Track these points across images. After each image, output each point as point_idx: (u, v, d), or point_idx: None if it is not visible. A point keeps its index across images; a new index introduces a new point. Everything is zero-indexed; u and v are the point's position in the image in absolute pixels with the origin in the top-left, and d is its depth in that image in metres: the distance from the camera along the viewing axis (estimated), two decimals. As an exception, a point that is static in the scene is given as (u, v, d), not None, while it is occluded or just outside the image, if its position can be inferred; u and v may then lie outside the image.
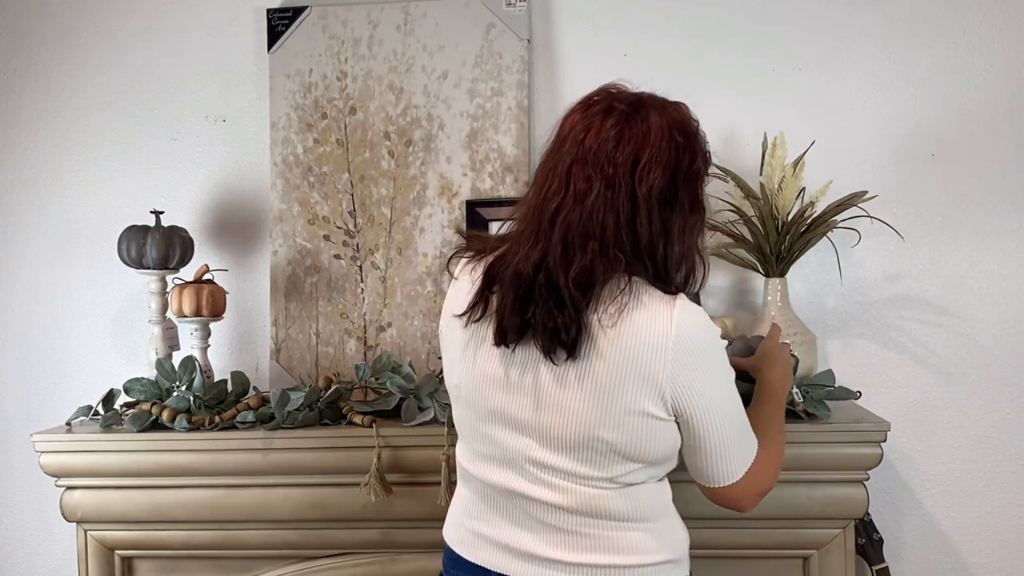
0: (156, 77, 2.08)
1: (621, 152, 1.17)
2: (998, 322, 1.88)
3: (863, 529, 1.71)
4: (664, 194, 1.17)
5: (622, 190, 1.16)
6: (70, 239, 2.10)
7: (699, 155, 1.25)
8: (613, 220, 1.15)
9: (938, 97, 1.89)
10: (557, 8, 1.98)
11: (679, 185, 1.19)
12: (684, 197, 1.20)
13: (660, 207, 1.17)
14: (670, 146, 1.20)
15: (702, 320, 1.23)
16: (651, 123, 1.21)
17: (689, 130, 1.26)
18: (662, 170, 1.18)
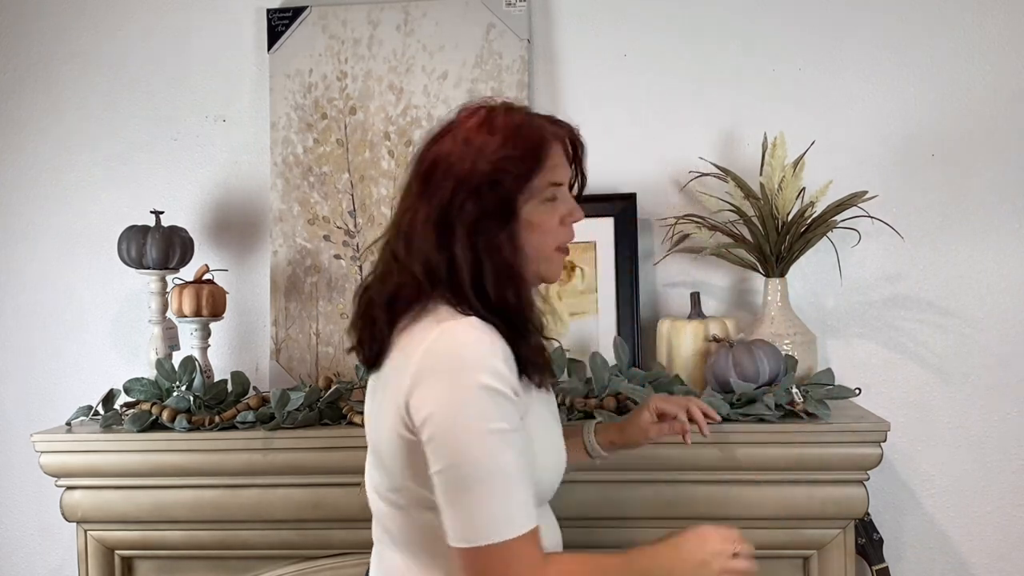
0: (156, 77, 2.08)
1: (417, 169, 1.19)
2: (998, 322, 1.89)
3: (863, 529, 1.71)
4: (448, 209, 1.14)
5: (419, 208, 1.16)
6: (70, 239, 2.10)
7: (486, 163, 1.14)
8: (406, 243, 1.16)
9: (938, 97, 1.89)
10: (557, 8, 1.98)
11: (465, 198, 1.13)
12: (471, 210, 1.13)
13: (441, 225, 1.14)
14: (459, 158, 1.15)
15: (467, 339, 1.09)
16: (449, 136, 1.18)
17: (478, 137, 1.16)
18: (452, 182, 1.14)
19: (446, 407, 1.06)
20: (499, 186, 1.14)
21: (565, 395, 1.66)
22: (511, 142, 1.16)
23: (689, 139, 1.93)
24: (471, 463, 1.05)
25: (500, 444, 1.06)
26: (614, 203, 1.88)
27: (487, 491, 1.05)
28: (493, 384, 1.06)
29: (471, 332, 1.09)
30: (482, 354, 1.08)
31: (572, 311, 1.87)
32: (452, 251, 1.13)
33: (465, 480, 1.05)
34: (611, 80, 1.97)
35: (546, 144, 1.19)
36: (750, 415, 1.58)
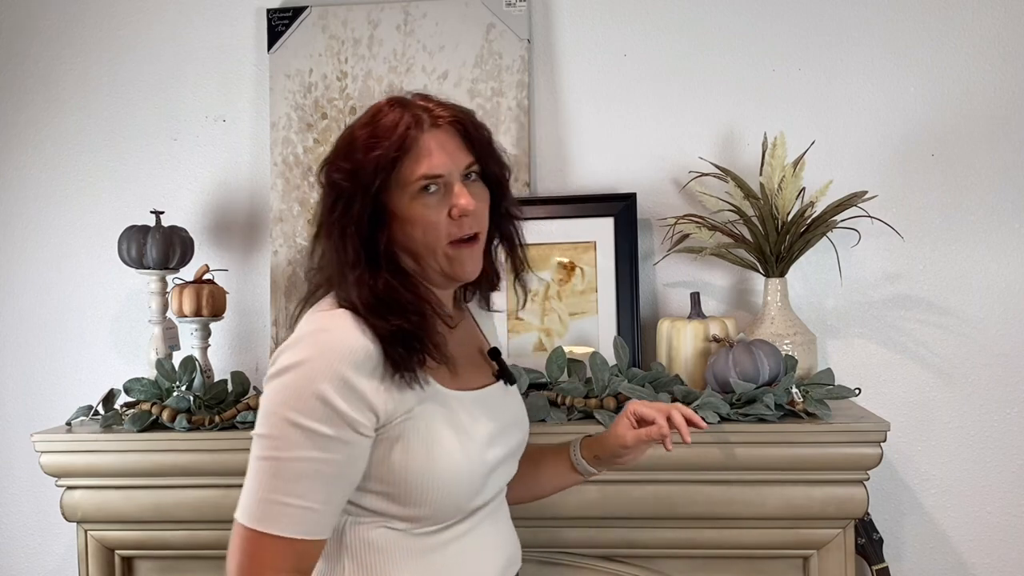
0: (156, 77, 2.08)
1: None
2: (998, 322, 1.88)
3: (863, 529, 1.71)
4: (324, 210, 1.18)
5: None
6: (70, 239, 2.10)
7: (347, 161, 1.15)
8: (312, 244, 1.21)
9: (938, 97, 1.89)
10: (557, 8, 1.98)
11: (336, 198, 1.16)
12: (343, 209, 1.15)
13: (321, 225, 1.18)
14: (329, 159, 1.19)
15: (327, 333, 1.09)
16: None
17: (344, 137, 1.19)
18: (325, 184, 1.19)
19: (280, 391, 1.07)
20: (359, 189, 1.13)
21: (565, 395, 1.66)
22: (370, 138, 1.14)
23: (689, 139, 1.93)
24: (265, 439, 1.06)
25: (300, 439, 1.05)
26: (614, 203, 1.88)
27: (264, 472, 1.06)
28: (329, 395, 1.05)
29: (335, 326, 1.09)
30: (334, 358, 1.07)
31: (572, 311, 1.87)
32: (335, 259, 1.14)
33: (256, 452, 1.07)
34: (611, 80, 1.97)
35: (408, 136, 1.14)
36: (750, 415, 1.58)
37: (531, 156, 1.96)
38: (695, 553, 1.65)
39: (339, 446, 1.07)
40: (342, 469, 1.08)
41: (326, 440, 1.06)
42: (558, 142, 1.98)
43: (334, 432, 1.06)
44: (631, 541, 1.65)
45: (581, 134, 1.97)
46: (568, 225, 1.89)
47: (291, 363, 1.07)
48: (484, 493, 1.21)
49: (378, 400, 1.09)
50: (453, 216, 1.16)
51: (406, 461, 1.12)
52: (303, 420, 1.05)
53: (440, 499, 1.14)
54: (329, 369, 1.06)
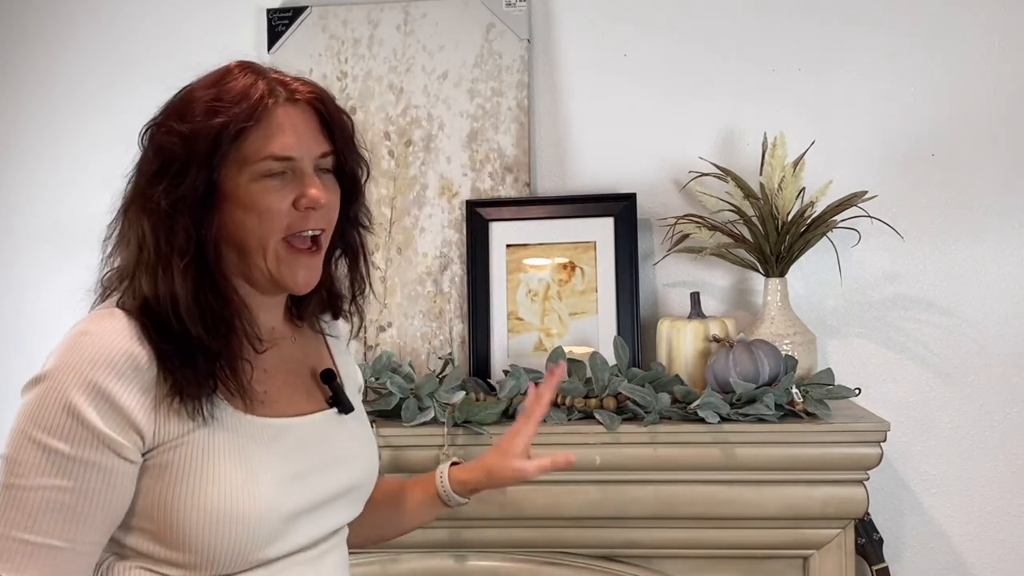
0: (156, 77, 2.07)
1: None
2: (998, 322, 1.88)
3: (863, 529, 1.71)
4: (136, 182, 1.06)
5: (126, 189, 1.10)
6: (70, 238, 2.10)
7: (184, 124, 1.00)
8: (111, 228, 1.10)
9: (938, 97, 1.89)
10: (557, 8, 1.98)
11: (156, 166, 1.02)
12: (165, 183, 0.99)
13: (129, 201, 1.06)
14: (157, 122, 1.05)
15: (89, 333, 0.94)
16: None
17: (180, 98, 1.05)
18: (147, 149, 1.06)
19: (26, 405, 0.92)
20: (169, 150, 0.98)
21: (565, 395, 1.66)
22: (214, 101, 0.99)
23: (689, 139, 1.93)
24: (13, 469, 0.90)
25: (44, 463, 0.89)
26: (614, 203, 1.88)
27: (7, 503, 0.89)
28: (81, 407, 0.89)
29: (98, 329, 0.94)
30: (91, 364, 0.90)
31: (572, 311, 1.87)
32: (139, 246, 0.98)
33: (2, 483, 0.90)
34: (611, 80, 1.97)
35: (260, 106, 0.98)
36: (750, 415, 1.58)
37: (531, 156, 1.95)
38: (695, 553, 1.65)
39: (90, 471, 0.90)
40: (95, 500, 0.91)
41: (74, 464, 0.89)
42: (558, 142, 1.98)
43: (84, 453, 0.89)
44: (631, 541, 1.65)
45: (581, 134, 1.97)
46: (568, 225, 1.89)
47: (42, 372, 0.92)
48: (287, 541, 1.01)
49: (144, 419, 0.92)
50: (299, 207, 0.99)
51: (171, 496, 0.94)
52: (48, 439, 0.89)
53: (213, 545, 0.94)
54: (82, 377, 0.90)
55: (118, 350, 0.92)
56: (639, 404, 1.60)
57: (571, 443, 1.59)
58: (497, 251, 1.90)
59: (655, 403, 1.60)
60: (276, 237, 1.00)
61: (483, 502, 1.63)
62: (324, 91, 1.06)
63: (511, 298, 1.89)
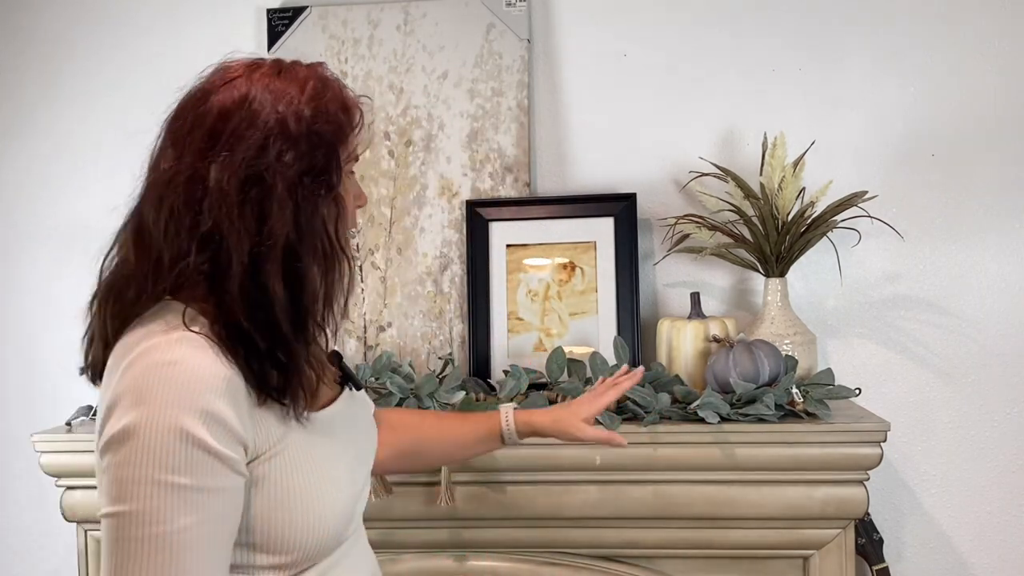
0: (156, 77, 2.08)
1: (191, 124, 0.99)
2: (998, 322, 1.88)
3: (863, 529, 1.72)
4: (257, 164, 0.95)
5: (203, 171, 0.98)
6: (70, 239, 2.10)
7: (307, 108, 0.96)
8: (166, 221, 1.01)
9: (938, 97, 1.89)
10: (557, 8, 1.98)
11: (283, 148, 0.96)
12: (291, 162, 0.95)
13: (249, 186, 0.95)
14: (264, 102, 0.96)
15: (178, 365, 0.88)
16: (232, 86, 0.98)
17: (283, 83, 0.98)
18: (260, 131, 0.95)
19: (126, 447, 0.86)
20: (321, 134, 0.94)
21: (565, 395, 1.66)
22: (323, 88, 0.97)
23: (689, 139, 1.93)
24: (136, 516, 0.85)
25: (181, 503, 0.85)
26: (614, 203, 1.88)
27: (145, 555, 0.84)
28: (198, 433, 0.86)
29: (181, 356, 0.88)
30: (192, 391, 0.87)
31: (572, 311, 1.87)
32: (264, 215, 0.91)
33: (124, 534, 0.85)
34: (611, 80, 1.97)
35: (354, 105, 1.00)
36: (750, 415, 1.58)
37: (531, 156, 1.95)
38: (695, 553, 1.65)
39: (222, 498, 0.89)
40: (229, 525, 0.90)
41: (208, 496, 0.87)
42: (558, 142, 1.98)
43: (214, 482, 0.87)
44: (631, 541, 1.65)
45: (581, 134, 1.97)
46: (568, 225, 1.89)
47: (136, 419, 0.86)
48: (353, 523, 1.07)
49: (245, 432, 0.91)
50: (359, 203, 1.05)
51: (275, 505, 0.94)
52: (176, 478, 0.85)
53: (315, 541, 0.97)
54: (189, 406, 0.86)
55: (211, 372, 0.89)
56: (639, 404, 1.60)
57: (571, 443, 1.59)
58: (497, 251, 1.90)
59: (655, 403, 1.60)
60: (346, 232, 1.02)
61: (483, 502, 1.63)
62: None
63: (511, 298, 1.89)
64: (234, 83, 0.95)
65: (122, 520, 0.85)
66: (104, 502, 0.88)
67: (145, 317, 0.95)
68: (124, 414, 0.87)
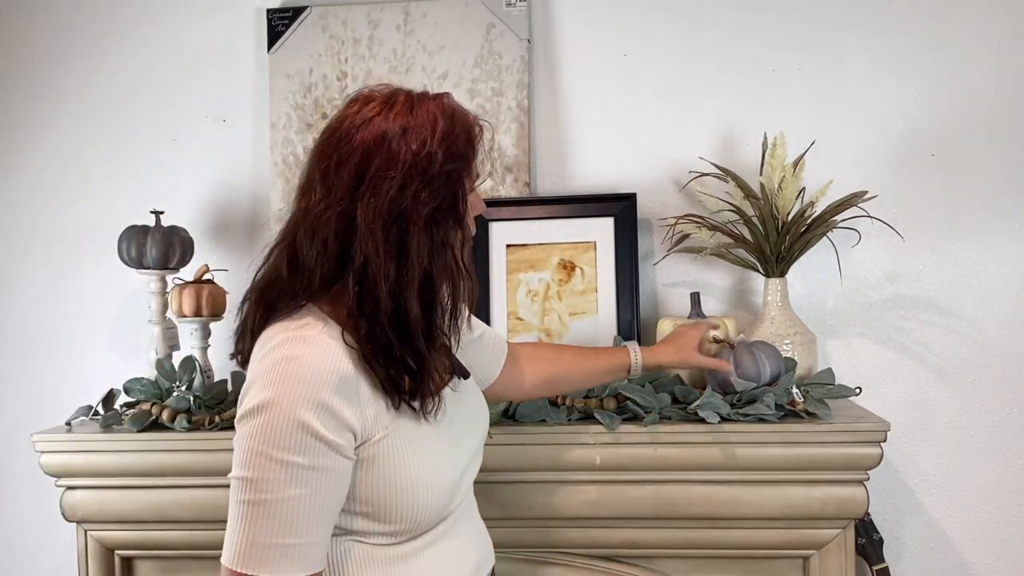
0: (156, 77, 2.08)
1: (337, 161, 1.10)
2: (998, 322, 1.89)
3: (863, 529, 1.72)
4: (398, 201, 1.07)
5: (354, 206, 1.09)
6: (70, 239, 2.10)
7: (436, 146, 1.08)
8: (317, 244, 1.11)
9: (938, 97, 1.89)
10: (557, 8, 1.98)
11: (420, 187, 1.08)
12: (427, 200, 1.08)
13: (391, 222, 1.08)
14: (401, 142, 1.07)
15: (302, 359, 1.03)
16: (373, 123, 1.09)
17: (416, 119, 1.09)
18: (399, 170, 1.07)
19: (253, 423, 1.02)
20: (450, 172, 1.07)
21: (565, 395, 1.66)
22: (451, 124, 1.09)
23: (689, 139, 1.93)
24: (250, 482, 1.01)
25: (288, 476, 1.01)
26: (614, 203, 1.88)
27: (259, 516, 1.01)
28: (310, 422, 1.01)
29: (307, 353, 1.03)
30: (311, 384, 1.02)
31: (572, 311, 1.87)
32: (405, 250, 1.05)
33: (241, 496, 1.02)
34: (611, 80, 1.97)
35: (476, 129, 1.12)
36: (750, 415, 1.58)
37: (531, 156, 1.95)
38: (695, 553, 1.65)
39: (327, 476, 1.03)
40: (333, 498, 1.05)
41: (315, 473, 1.02)
42: (558, 142, 1.98)
43: (321, 463, 1.02)
44: (631, 541, 1.65)
45: (581, 134, 1.97)
46: (568, 225, 1.89)
47: (263, 400, 1.02)
48: (458, 496, 1.19)
49: (355, 420, 1.05)
50: (477, 219, 1.17)
51: (387, 480, 1.09)
52: (288, 456, 1.00)
53: (422, 513, 1.11)
54: (304, 397, 1.01)
55: (327, 368, 1.03)
56: (639, 404, 1.60)
57: (571, 443, 1.59)
58: (497, 251, 1.90)
59: (655, 403, 1.60)
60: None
61: (483, 502, 1.63)
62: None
63: (511, 298, 1.89)
64: (373, 122, 1.07)
65: (243, 484, 1.02)
66: (234, 466, 1.03)
67: (285, 316, 1.09)
68: (256, 395, 1.02)
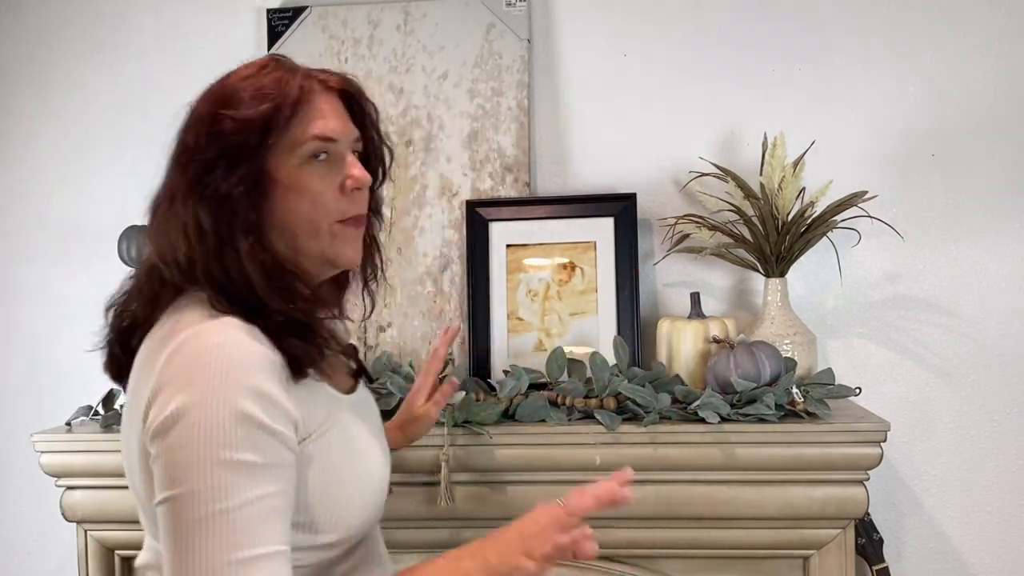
0: (155, 77, 2.08)
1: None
2: (998, 322, 1.88)
3: (863, 529, 1.72)
4: (190, 183, 1.00)
5: (164, 190, 1.05)
6: (70, 239, 2.10)
7: (226, 120, 1.00)
8: (154, 231, 1.04)
9: (938, 97, 1.89)
10: (557, 8, 1.98)
11: (206, 168, 0.99)
12: (216, 181, 0.98)
13: (184, 203, 1.00)
14: (195, 123, 1.04)
15: (221, 349, 0.91)
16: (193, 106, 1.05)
17: (214, 95, 1.05)
18: (189, 153, 1.02)
19: (182, 426, 0.88)
20: (224, 139, 0.98)
21: (565, 395, 1.66)
22: (253, 91, 1.01)
23: (689, 139, 1.93)
24: (197, 496, 0.86)
25: (242, 479, 0.87)
26: (614, 203, 1.88)
27: (211, 533, 0.86)
28: (251, 411, 0.89)
29: (227, 339, 0.92)
30: (240, 370, 0.90)
31: (572, 311, 1.87)
32: (200, 234, 0.97)
33: (187, 516, 0.87)
34: (611, 80, 1.97)
35: (301, 91, 1.02)
36: (750, 415, 1.58)
37: (531, 156, 1.95)
38: (695, 553, 1.65)
39: (284, 471, 0.92)
40: (290, 497, 0.93)
41: (267, 469, 0.90)
42: (558, 142, 1.98)
43: (271, 456, 0.90)
44: (631, 541, 1.65)
45: (581, 134, 1.97)
46: (568, 225, 1.89)
47: (188, 401, 0.89)
48: (379, 511, 1.11)
49: (293, 409, 0.95)
50: (345, 189, 1.03)
51: (329, 483, 0.99)
52: (236, 455, 0.88)
53: (359, 519, 1.02)
54: (240, 385, 0.90)
55: (254, 352, 0.93)
56: (639, 404, 1.60)
57: (571, 443, 1.59)
58: (497, 251, 1.90)
59: (655, 403, 1.60)
60: (328, 220, 1.03)
61: (483, 502, 1.63)
62: (352, 80, 1.10)
63: (511, 298, 1.89)
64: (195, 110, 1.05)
65: (183, 502, 0.87)
66: (161, 487, 0.89)
67: (173, 309, 0.99)
68: (171, 398, 0.89)
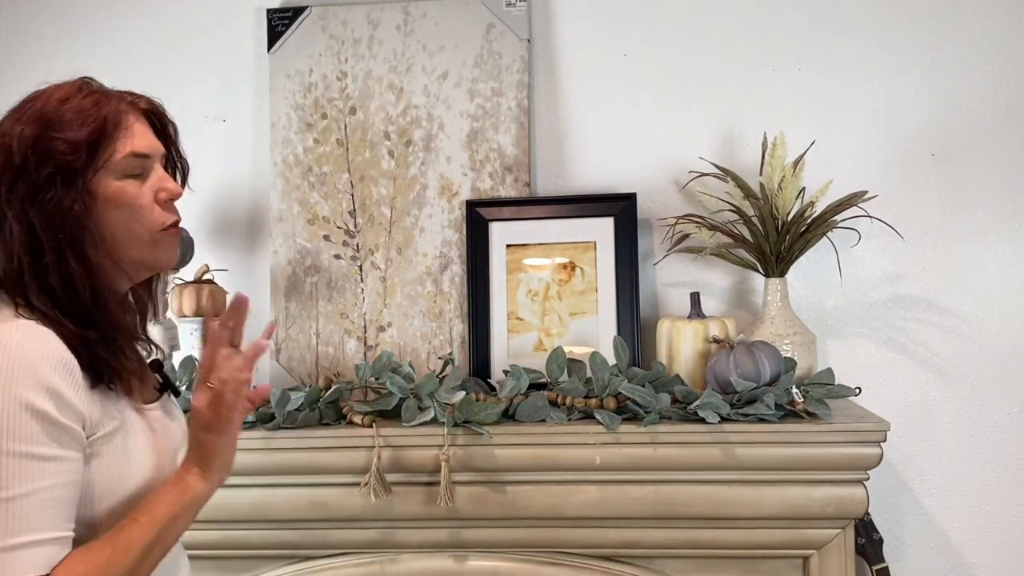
0: (155, 77, 2.08)
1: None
2: (998, 322, 1.89)
3: (863, 529, 1.71)
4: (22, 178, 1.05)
5: None
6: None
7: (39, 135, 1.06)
8: None
9: (938, 97, 1.90)
10: (557, 8, 1.98)
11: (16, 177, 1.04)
12: (24, 190, 1.04)
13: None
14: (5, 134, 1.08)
15: (13, 346, 0.97)
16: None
17: (27, 110, 1.10)
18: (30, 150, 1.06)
19: None
20: (56, 159, 1.04)
21: (565, 395, 1.66)
22: (75, 113, 1.08)
23: (689, 139, 1.93)
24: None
25: (27, 469, 0.95)
26: (614, 203, 1.88)
27: (8, 519, 0.93)
28: (40, 405, 0.96)
29: (19, 338, 0.98)
30: (30, 366, 0.96)
31: (572, 311, 1.87)
32: (23, 249, 1.03)
33: None
34: (611, 80, 1.97)
35: (117, 112, 1.10)
36: (750, 415, 1.58)
37: (531, 156, 1.96)
38: (695, 553, 1.65)
39: (70, 465, 0.99)
40: (76, 488, 1.00)
41: (53, 462, 0.97)
42: (558, 142, 1.98)
43: (60, 451, 0.97)
44: (631, 541, 1.65)
45: (581, 134, 1.97)
46: (568, 225, 1.89)
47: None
48: None
49: (82, 407, 1.01)
50: (160, 200, 1.10)
51: (98, 481, 1.03)
52: (23, 447, 0.95)
53: (112, 521, 1.03)
54: (29, 381, 0.96)
55: (47, 352, 0.99)
56: (639, 404, 1.60)
57: (571, 443, 1.59)
58: (497, 251, 1.90)
59: (655, 403, 1.60)
60: (152, 229, 1.10)
61: (483, 502, 1.63)
62: (156, 101, 1.19)
63: (511, 298, 1.89)
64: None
65: None
66: None
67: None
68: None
